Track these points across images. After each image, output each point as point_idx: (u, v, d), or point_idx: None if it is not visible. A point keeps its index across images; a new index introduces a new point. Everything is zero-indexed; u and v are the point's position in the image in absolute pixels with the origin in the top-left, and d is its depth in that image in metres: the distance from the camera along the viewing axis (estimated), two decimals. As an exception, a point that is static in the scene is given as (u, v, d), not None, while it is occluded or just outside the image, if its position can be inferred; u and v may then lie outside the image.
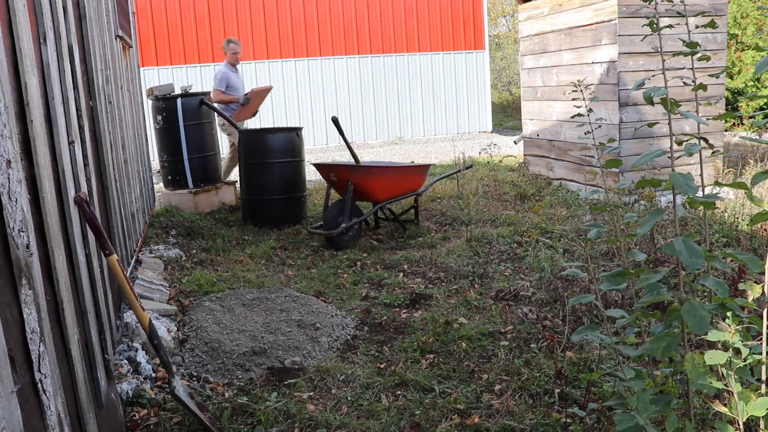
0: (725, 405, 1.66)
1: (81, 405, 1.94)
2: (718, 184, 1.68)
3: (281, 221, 5.96)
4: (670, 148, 1.78)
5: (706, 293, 2.24)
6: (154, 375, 2.97)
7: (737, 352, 1.64)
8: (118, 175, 3.73)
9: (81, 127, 2.62)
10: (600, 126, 6.21)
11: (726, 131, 10.15)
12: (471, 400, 2.70)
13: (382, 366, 3.07)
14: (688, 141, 1.75)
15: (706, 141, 1.73)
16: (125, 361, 2.94)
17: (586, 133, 2.37)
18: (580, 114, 2.33)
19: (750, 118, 9.88)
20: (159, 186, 7.98)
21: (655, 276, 1.64)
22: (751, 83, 11.14)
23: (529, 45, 7.69)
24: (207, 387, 2.93)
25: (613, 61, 6.13)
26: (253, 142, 6.11)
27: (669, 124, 1.79)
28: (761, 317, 1.69)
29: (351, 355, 3.23)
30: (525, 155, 8.08)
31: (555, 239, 4.91)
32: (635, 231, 1.65)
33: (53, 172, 2.01)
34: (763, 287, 1.71)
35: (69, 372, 1.90)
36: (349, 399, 2.77)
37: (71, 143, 2.33)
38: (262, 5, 12.40)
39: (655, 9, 1.78)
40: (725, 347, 1.65)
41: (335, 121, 5.28)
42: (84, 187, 2.49)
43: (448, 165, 9.32)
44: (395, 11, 13.18)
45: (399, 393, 2.81)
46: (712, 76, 1.98)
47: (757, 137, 8.34)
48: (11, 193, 1.47)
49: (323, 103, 12.85)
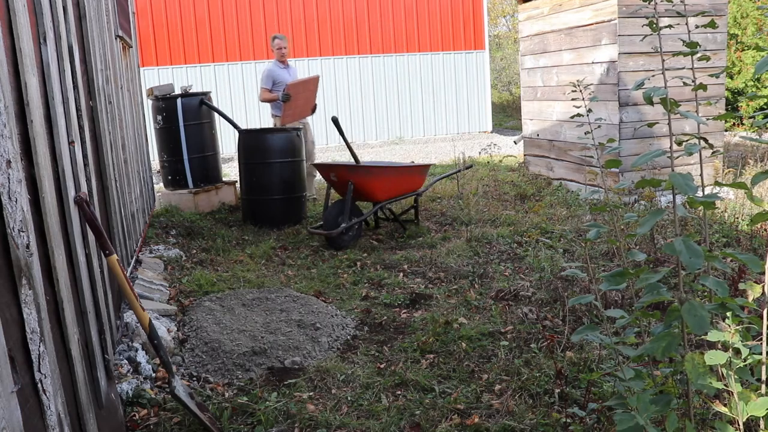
0: (725, 405, 1.66)
1: (81, 405, 1.94)
2: (718, 184, 1.68)
3: (281, 221, 5.96)
4: (669, 148, 1.78)
5: (706, 293, 2.24)
6: (154, 375, 2.97)
7: (737, 352, 1.64)
8: (118, 175, 3.73)
9: (81, 127, 2.62)
10: (600, 126, 6.21)
11: (726, 131, 10.15)
12: (471, 400, 2.70)
13: (382, 366, 3.07)
14: (688, 141, 1.75)
15: (705, 141, 1.73)
16: (125, 361, 2.94)
17: (586, 133, 2.37)
18: (580, 114, 2.33)
19: (750, 118, 9.88)
20: (159, 186, 7.98)
21: (655, 276, 1.64)
22: (751, 83, 11.14)
23: (529, 45, 7.69)
24: (207, 387, 2.93)
25: (613, 61, 6.13)
26: (253, 142, 6.11)
27: (669, 124, 1.79)
28: (761, 317, 1.69)
29: (351, 355, 3.23)
30: (525, 155, 8.08)
31: (555, 239, 4.91)
32: (635, 231, 1.65)
33: (53, 172, 2.01)
34: (763, 287, 1.70)
35: (69, 372, 1.90)
36: (349, 399, 2.77)
37: (71, 143, 2.33)
38: (262, 5, 12.40)
39: (655, 9, 1.78)
40: (725, 347, 1.65)
41: (335, 121, 5.28)
42: (84, 187, 2.49)
43: (448, 165, 9.32)
44: (395, 11, 13.17)
45: (399, 393, 2.81)
46: (712, 76, 1.98)
47: (757, 137, 8.33)
48: (11, 193, 1.47)
49: (323, 103, 12.82)
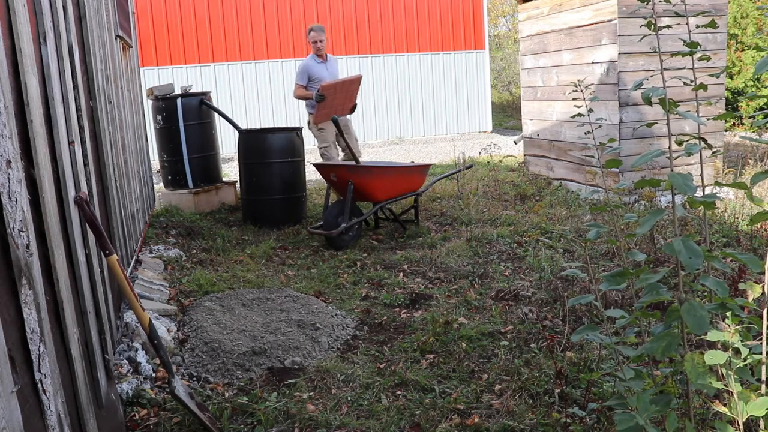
0: (725, 405, 1.66)
1: (81, 405, 1.94)
2: (718, 184, 1.68)
3: (281, 221, 5.96)
4: (668, 148, 1.78)
5: (706, 293, 2.24)
6: (154, 375, 2.97)
7: (737, 352, 1.64)
8: (118, 175, 3.73)
9: (81, 127, 2.62)
10: (600, 126, 6.20)
11: (726, 131, 10.15)
12: (471, 400, 2.70)
13: (382, 366, 3.07)
14: (687, 141, 1.75)
15: (705, 141, 1.73)
16: (125, 361, 2.94)
17: (586, 133, 2.37)
18: (580, 114, 2.33)
19: (750, 118, 9.88)
20: (159, 186, 7.98)
21: (655, 276, 1.64)
22: (751, 83, 11.14)
23: (529, 45, 7.69)
24: (207, 387, 2.93)
25: (613, 61, 6.13)
26: (253, 142, 6.11)
27: (668, 124, 1.79)
28: (761, 317, 1.69)
29: (351, 355, 3.23)
30: (525, 155, 8.08)
31: (555, 239, 4.91)
32: (635, 231, 1.65)
33: (53, 172, 2.01)
34: (763, 287, 1.70)
35: (69, 372, 1.90)
36: (349, 399, 2.77)
37: (71, 143, 2.33)
38: (262, 5, 12.40)
39: (653, 9, 1.78)
40: (725, 347, 1.65)
41: (335, 122, 5.28)
42: (84, 187, 2.49)
43: (448, 165, 9.32)
44: (395, 11, 13.17)
45: (399, 393, 2.81)
46: (712, 76, 1.98)
47: (757, 137, 8.33)
48: (11, 193, 1.47)
49: (323, 103, 12.83)
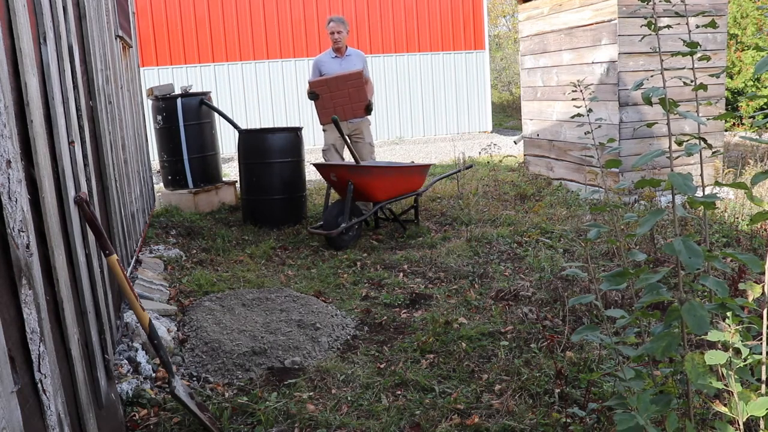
0: (725, 405, 1.66)
1: (81, 405, 1.94)
2: (718, 184, 1.67)
3: (281, 221, 5.96)
4: (669, 148, 1.78)
5: (706, 293, 2.24)
6: (154, 375, 2.97)
7: (737, 352, 1.64)
8: (118, 175, 3.73)
9: (81, 127, 2.62)
10: (600, 126, 6.21)
11: (726, 131, 10.15)
12: (471, 400, 2.70)
13: (382, 366, 3.07)
14: (687, 141, 1.75)
15: (705, 141, 1.73)
16: (125, 361, 2.94)
17: (586, 133, 2.37)
18: (580, 114, 2.33)
19: (750, 118, 9.88)
20: (159, 186, 7.98)
21: (655, 276, 1.64)
22: (751, 83, 11.14)
23: (529, 45, 7.69)
24: (207, 387, 2.93)
25: (613, 61, 6.13)
26: (253, 141, 6.11)
27: (668, 124, 1.79)
28: (761, 317, 1.69)
29: (351, 355, 3.23)
30: (525, 155, 8.08)
31: (555, 239, 4.91)
32: (635, 231, 1.65)
33: (53, 172, 2.01)
34: (763, 287, 1.70)
35: (69, 372, 1.90)
36: (349, 399, 2.77)
37: (71, 143, 2.33)
38: (262, 5, 12.40)
39: (653, 9, 1.78)
40: (725, 347, 1.65)
41: (335, 122, 5.27)
42: (84, 187, 2.49)
43: (448, 165, 9.32)
44: (395, 11, 13.17)
45: (399, 393, 2.80)
46: (712, 76, 1.97)
47: (757, 137, 8.33)
48: (11, 193, 1.47)
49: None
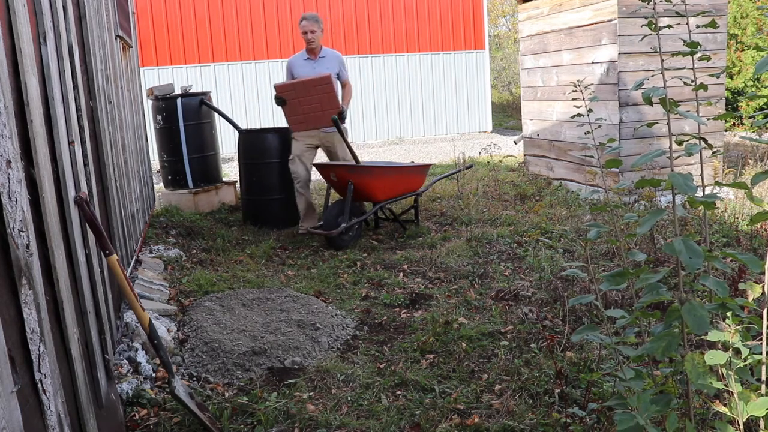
0: (725, 405, 1.65)
1: (81, 405, 1.94)
2: (718, 184, 1.67)
3: (281, 221, 5.96)
4: (669, 148, 1.78)
5: (706, 293, 2.24)
6: (154, 375, 2.97)
7: (737, 352, 1.64)
8: (118, 175, 3.73)
9: (81, 127, 2.61)
10: (600, 126, 6.21)
11: (726, 131, 10.15)
12: (471, 400, 2.70)
13: (382, 366, 3.07)
14: (688, 141, 1.75)
15: (705, 141, 1.73)
16: (125, 361, 2.94)
17: (586, 133, 2.37)
18: (580, 114, 2.33)
19: (750, 118, 9.88)
20: (159, 186, 7.98)
21: (655, 276, 1.64)
22: (751, 83, 11.13)
23: (529, 45, 7.69)
24: (207, 387, 2.93)
25: (613, 61, 6.13)
26: (253, 141, 6.11)
27: (668, 124, 1.79)
28: (761, 317, 1.69)
29: (351, 355, 3.23)
30: (525, 155, 8.08)
31: (555, 239, 4.91)
32: (635, 231, 1.65)
33: (53, 172, 2.01)
34: (763, 287, 1.70)
35: (69, 372, 1.90)
36: (349, 399, 2.77)
37: (71, 143, 2.33)
38: (262, 5, 12.40)
39: (654, 9, 1.78)
40: (725, 347, 1.65)
41: (335, 122, 5.27)
42: (84, 187, 2.49)
43: (448, 165, 9.32)
44: (395, 11, 13.17)
45: (399, 393, 2.80)
46: (712, 76, 1.97)
47: (757, 137, 8.33)
48: (11, 193, 1.47)
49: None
